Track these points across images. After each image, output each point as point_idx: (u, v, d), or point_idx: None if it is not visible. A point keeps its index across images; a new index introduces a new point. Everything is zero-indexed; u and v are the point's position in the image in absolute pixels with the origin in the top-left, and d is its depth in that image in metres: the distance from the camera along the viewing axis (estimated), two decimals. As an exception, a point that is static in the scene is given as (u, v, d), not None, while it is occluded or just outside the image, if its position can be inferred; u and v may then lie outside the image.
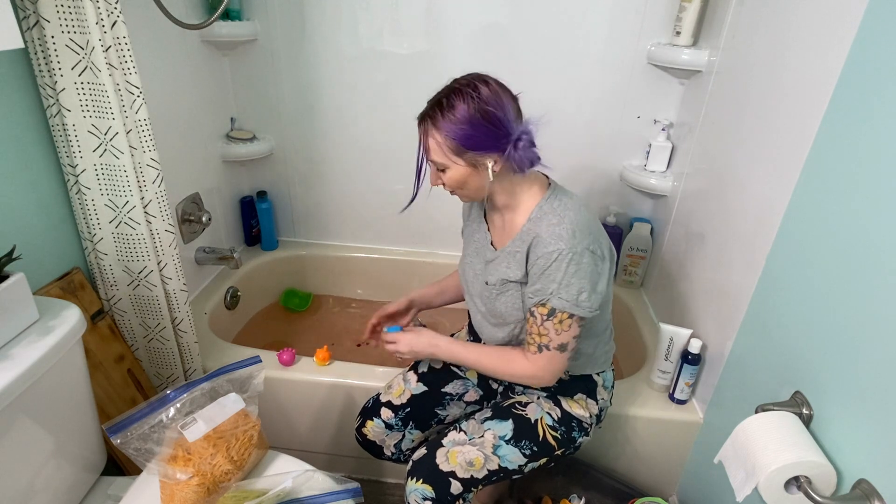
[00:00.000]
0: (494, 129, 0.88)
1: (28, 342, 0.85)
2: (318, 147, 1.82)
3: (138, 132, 1.08)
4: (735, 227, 1.18)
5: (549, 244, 0.90)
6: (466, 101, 0.87)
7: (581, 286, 0.90)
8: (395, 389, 1.19)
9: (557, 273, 0.90)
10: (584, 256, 0.89)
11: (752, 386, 1.05)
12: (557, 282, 0.90)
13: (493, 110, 0.87)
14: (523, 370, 0.98)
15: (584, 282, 0.90)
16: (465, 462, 0.99)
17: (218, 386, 0.99)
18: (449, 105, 0.88)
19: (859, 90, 0.81)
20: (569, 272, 0.89)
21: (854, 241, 0.79)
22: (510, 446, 1.01)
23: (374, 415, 1.17)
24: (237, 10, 1.60)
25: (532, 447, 1.03)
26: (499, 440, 1.01)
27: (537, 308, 0.93)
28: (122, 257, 1.16)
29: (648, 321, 1.63)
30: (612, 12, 1.51)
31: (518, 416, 1.05)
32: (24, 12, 0.94)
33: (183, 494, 0.89)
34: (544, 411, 1.06)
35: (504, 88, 0.92)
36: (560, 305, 0.90)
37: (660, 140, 1.62)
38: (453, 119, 0.87)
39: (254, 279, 1.87)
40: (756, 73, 1.15)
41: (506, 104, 0.89)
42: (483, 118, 0.87)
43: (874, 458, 0.72)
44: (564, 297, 0.90)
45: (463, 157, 0.90)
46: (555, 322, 0.92)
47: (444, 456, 1.00)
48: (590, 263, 0.90)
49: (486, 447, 1.01)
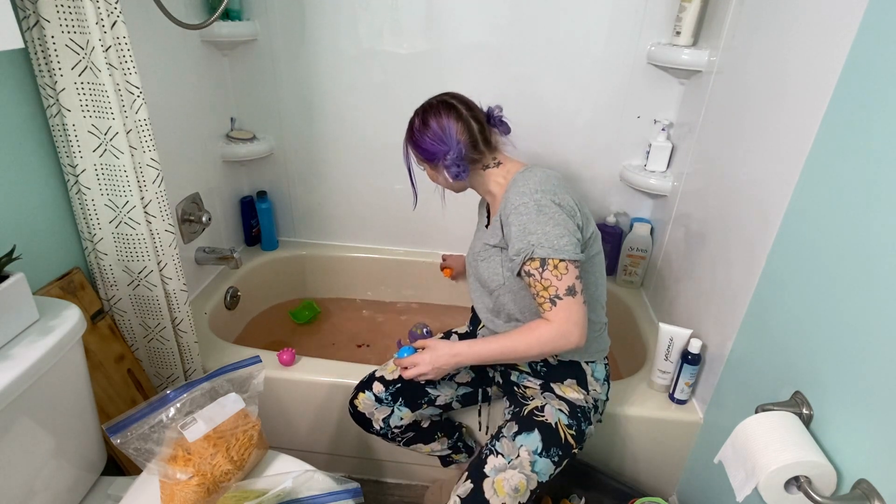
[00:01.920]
0: (436, 146, 1.06)
1: (28, 342, 0.85)
2: (318, 147, 1.82)
3: (138, 132, 1.08)
4: (735, 227, 1.18)
5: (515, 200, 0.99)
6: (418, 122, 1.09)
7: (558, 232, 0.95)
8: (390, 366, 1.24)
9: (530, 224, 0.96)
10: (550, 207, 0.97)
11: (752, 386, 1.05)
12: (534, 232, 0.96)
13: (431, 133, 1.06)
14: (549, 332, 0.97)
15: (560, 228, 0.96)
16: (512, 489, 0.99)
17: (218, 386, 0.99)
18: (410, 125, 1.12)
19: (859, 90, 0.81)
20: (541, 221, 0.96)
21: (854, 241, 0.79)
22: (543, 458, 1.03)
23: (366, 388, 1.22)
24: (237, 10, 1.60)
25: (558, 453, 1.04)
26: (533, 456, 1.02)
27: (529, 265, 0.97)
28: (122, 257, 1.16)
29: (648, 321, 1.63)
30: (612, 12, 1.51)
31: (541, 423, 1.06)
32: (24, 12, 0.94)
33: (183, 494, 0.89)
34: (556, 410, 1.07)
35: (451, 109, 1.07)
36: (545, 254, 0.95)
37: (660, 140, 1.62)
38: (411, 137, 1.11)
39: (254, 279, 1.87)
40: (756, 72, 1.15)
41: (446, 126, 1.06)
42: (427, 137, 1.07)
43: (874, 458, 0.72)
44: (547, 245, 0.95)
45: (425, 162, 1.12)
46: (550, 270, 0.95)
47: (491, 489, 1.00)
48: (558, 212, 0.97)
49: (525, 467, 1.01)
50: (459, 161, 1.06)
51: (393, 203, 1.89)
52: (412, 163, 1.16)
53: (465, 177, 1.08)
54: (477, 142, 1.07)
